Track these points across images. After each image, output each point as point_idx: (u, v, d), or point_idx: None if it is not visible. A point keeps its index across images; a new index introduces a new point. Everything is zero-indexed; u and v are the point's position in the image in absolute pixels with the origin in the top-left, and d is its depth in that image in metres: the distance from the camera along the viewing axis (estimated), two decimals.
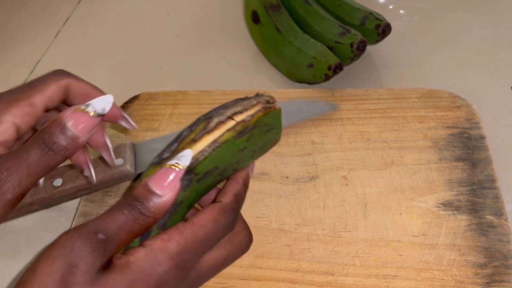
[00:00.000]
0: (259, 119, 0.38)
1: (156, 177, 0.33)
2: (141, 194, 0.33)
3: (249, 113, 0.38)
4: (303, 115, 0.59)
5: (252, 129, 0.38)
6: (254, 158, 0.41)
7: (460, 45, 0.69)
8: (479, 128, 0.56)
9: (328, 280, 0.47)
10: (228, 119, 0.38)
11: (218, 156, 0.37)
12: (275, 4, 0.68)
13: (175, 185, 0.33)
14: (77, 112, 0.33)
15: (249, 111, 0.38)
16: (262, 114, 0.38)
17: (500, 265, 0.46)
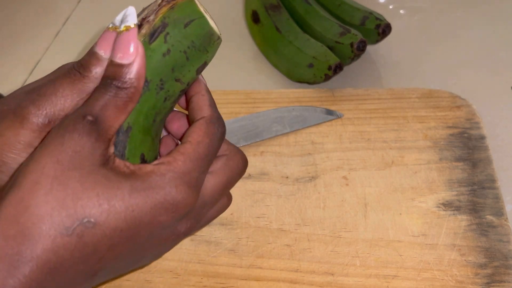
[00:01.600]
0: (166, 15, 0.35)
1: (116, 47, 0.32)
2: (109, 71, 0.32)
3: (158, 15, 0.35)
4: (306, 123, 0.59)
5: (163, 27, 0.35)
6: (192, 60, 0.37)
7: (460, 45, 0.69)
8: (479, 128, 0.56)
9: (328, 280, 0.47)
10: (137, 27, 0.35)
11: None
12: (275, 4, 0.68)
13: (136, 46, 0.32)
14: (103, 34, 0.33)
15: (158, 13, 0.35)
16: (167, 9, 0.35)
17: (501, 265, 0.46)
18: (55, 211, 0.28)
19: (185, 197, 0.31)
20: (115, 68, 0.32)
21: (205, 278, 0.48)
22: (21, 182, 0.28)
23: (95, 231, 0.29)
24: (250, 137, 0.58)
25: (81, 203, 0.28)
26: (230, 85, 0.67)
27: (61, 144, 0.29)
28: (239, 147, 0.58)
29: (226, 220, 0.52)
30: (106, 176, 0.29)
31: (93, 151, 0.29)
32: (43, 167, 0.29)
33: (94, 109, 0.31)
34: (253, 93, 0.63)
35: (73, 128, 0.30)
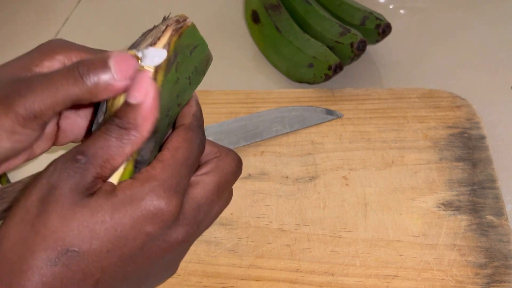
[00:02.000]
0: (177, 44, 0.35)
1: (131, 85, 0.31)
2: (117, 111, 0.31)
3: (163, 42, 0.34)
4: (306, 123, 0.59)
5: (175, 57, 0.34)
6: (193, 84, 0.37)
7: (460, 45, 0.69)
8: (479, 128, 0.56)
9: (328, 280, 0.47)
10: None
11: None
12: (275, 4, 0.68)
13: (149, 86, 0.31)
14: (124, 53, 0.32)
15: (162, 39, 0.34)
16: (176, 38, 0.35)
17: (501, 265, 0.46)
18: (37, 246, 0.29)
19: (167, 204, 0.30)
20: (123, 107, 0.31)
21: (205, 278, 0.48)
22: (9, 222, 0.30)
23: (80, 259, 0.29)
24: (250, 137, 0.58)
25: (62, 235, 0.29)
26: (230, 85, 0.67)
27: (47, 181, 0.30)
28: (239, 147, 0.58)
29: (226, 220, 0.52)
30: (86, 205, 0.29)
31: (76, 189, 0.30)
32: (29, 205, 0.30)
33: (89, 150, 0.30)
34: (253, 93, 0.63)
35: (62, 166, 0.30)
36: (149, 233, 0.30)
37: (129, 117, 0.30)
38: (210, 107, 0.62)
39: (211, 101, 0.63)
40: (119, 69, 0.31)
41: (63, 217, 0.29)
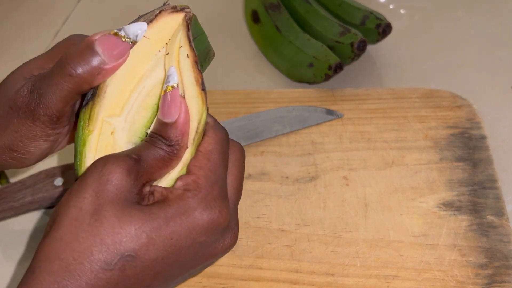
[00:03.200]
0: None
1: (160, 108, 0.33)
2: (156, 129, 0.33)
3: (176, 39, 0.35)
4: (306, 123, 0.59)
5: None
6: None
7: (460, 44, 0.69)
8: (480, 128, 0.56)
9: (328, 280, 0.47)
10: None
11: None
12: (275, 4, 0.68)
13: (177, 105, 0.32)
14: (108, 36, 0.33)
15: (156, 22, 0.35)
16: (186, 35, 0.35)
17: (501, 266, 0.46)
18: (95, 248, 0.29)
19: (220, 213, 0.32)
20: (161, 126, 0.33)
21: (205, 278, 0.48)
22: (61, 220, 0.29)
23: (136, 264, 0.29)
24: (250, 137, 0.58)
25: (119, 238, 0.29)
26: (230, 85, 0.67)
27: (100, 176, 0.30)
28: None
29: None
30: (141, 209, 0.30)
31: (130, 189, 0.30)
32: (82, 202, 0.29)
33: (141, 152, 0.32)
34: (253, 93, 0.63)
35: (115, 162, 0.30)
36: (203, 241, 0.31)
37: (171, 135, 0.32)
38: (210, 107, 0.62)
39: (211, 101, 0.62)
40: (107, 52, 0.33)
41: (120, 219, 0.29)
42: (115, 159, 0.30)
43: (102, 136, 0.34)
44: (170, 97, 0.32)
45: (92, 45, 0.33)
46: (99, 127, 0.34)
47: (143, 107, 0.35)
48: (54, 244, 0.29)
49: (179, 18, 0.35)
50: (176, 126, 0.32)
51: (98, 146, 0.34)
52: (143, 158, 0.31)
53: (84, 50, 0.33)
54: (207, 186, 0.32)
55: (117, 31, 0.33)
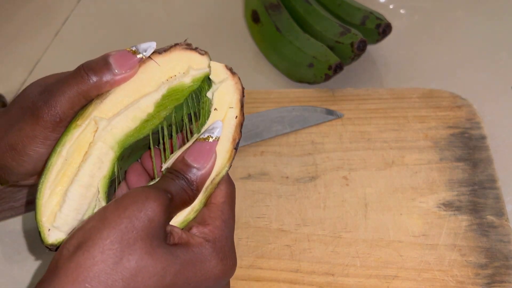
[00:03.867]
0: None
1: (191, 151, 0.35)
2: (181, 169, 0.35)
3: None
4: (306, 123, 0.59)
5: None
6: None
7: (460, 44, 0.69)
8: (480, 128, 0.56)
9: (328, 280, 0.47)
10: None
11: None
12: (275, 4, 0.68)
13: (212, 156, 0.35)
14: (121, 50, 0.37)
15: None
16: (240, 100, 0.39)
17: (501, 266, 0.46)
18: (121, 279, 0.30)
19: (232, 264, 0.35)
20: (186, 167, 0.35)
21: None
22: (92, 246, 0.30)
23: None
24: (250, 137, 0.58)
25: (146, 274, 0.31)
26: None
27: (140, 211, 0.31)
28: (239, 147, 0.58)
29: None
30: (169, 250, 0.32)
31: (162, 226, 0.32)
32: (116, 233, 0.31)
33: (171, 190, 0.33)
34: (253, 93, 0.63)
35: (156, 199, 0.32)
36: (211, 287, 0.34)
37: (193, 179, 0.35)
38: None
39: None
40: (118, 63, 0.36)
41: (150, 255, 0.31)
42: (156, 196, 0.32)
43: (85, 132, 0.36)
44: (208, 147, 0.35)
45: (107, 57, 0.36)
46: (85, 124, 0.36)
47: (131, 118, 0.37)
48: (80, 271, 0.30)
49: (192, 56, 0.39)
50: (201, 173, 0.35)
51: (78, 139, 0.36)
52: (173, 197, 0.33)
53: (99, 60, 0.36)
54: (222, 238, 0.34)
55: (130, 47, 0.37)
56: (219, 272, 0.34)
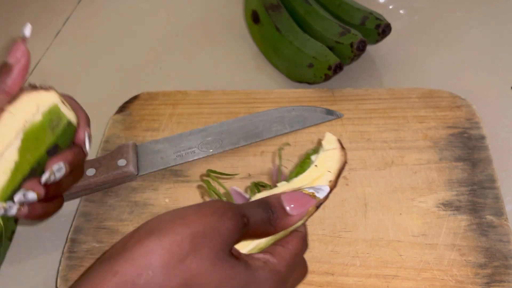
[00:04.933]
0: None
1: (291, 196, 0.36)
2: (274, 204, 0.35)
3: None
4: (306, 123, 0.59)
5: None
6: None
7: (460, 45, 0.69)
8: (479, 128, 0.56)
9: (328, 280, 0.47)
10: None
11: None
12: (275, 4, 0.68)
13: (304, 211, 0.36)
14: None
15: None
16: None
17: (500, 265, 0.46)
18: (178, 280, 0.30)
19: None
20: (279, 205, 0.35)
21: None
22: (164, 234, 0.31)
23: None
24: (250, 137, 0.58)
25: (204, 281, 0.31)
26: (230, 85, 0.67)
27: (215, 222, 0.32)
28: (239, 147, 0.58)
29: None
30: (232, 263, 0.32)
31: (230, 244, 0.33)
32: (193, 234, 0.31)
33: (250, 218, 0.34)
34: (253, 93, 0.63)
35: (233, 217, 0.33)
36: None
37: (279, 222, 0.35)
38: (210, 107, 0.62)
39: (211, 101, 0.63)
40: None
41: (213, 263, 0.31)
42: (232, 215, 0.33)
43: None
44: (307, 201, 0.36)
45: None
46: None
47: (2, 172, 0.38)
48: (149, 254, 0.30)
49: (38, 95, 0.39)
50: (288, 218, 0.35)
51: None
52: (250, 225, 0.33)
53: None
54: (280, 273, 0.35)
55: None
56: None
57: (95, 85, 0.72)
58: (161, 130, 0.61)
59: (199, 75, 0.70)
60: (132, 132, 0.61)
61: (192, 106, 0.63)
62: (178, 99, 0.64)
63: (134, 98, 0.65)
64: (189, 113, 0.62)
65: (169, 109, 0.63)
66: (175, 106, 0.63)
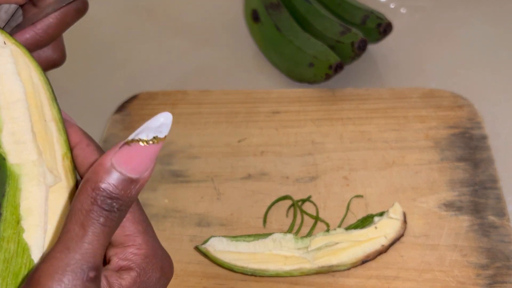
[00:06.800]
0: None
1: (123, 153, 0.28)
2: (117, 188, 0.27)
3: None
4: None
5: None
6: None
7: (461, 44, 0.68)
8: (481, 128, 0.56)
9: (329, 281, 0.46)
10: None
11: None
12: (275, 3, 0.68)
13: (153, 163, 0.28)
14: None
15: None
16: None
17: (502, 266, 0.46)
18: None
19: (170, 271, 0.31)
20: (124, 183, 0.27)
21: (205, 279, 0.48)
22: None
23: None
24: None
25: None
26: (230, 84, 0.67)
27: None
28: (238, 144, 0.57)
29: (226, 221, 0.52)
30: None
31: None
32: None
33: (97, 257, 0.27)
34: (253, 93, 0.63)
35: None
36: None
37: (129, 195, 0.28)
38: (210, 107, 0.62)
39: (211, 101, 0.63)
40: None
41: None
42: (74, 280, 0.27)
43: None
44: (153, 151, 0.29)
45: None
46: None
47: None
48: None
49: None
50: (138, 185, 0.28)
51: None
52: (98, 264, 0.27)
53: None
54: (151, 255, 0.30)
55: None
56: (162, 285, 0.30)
57: (94, 84, 0.71)
58: None
59: (199, 75, 0.70)
60: (131, 132, 0.61)
61: (191, 106, 0.63)
62: (177, 98, 0.64)
63: (134, 98, 0.65)
64: (188, 113, 0.62)
65: (168, 109, 0.62)
66: (175, 105, 0.63)
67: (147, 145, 0.29)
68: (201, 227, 0.52)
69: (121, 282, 0.29)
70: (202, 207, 0.53)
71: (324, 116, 0.59)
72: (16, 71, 0.32)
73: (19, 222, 0.30)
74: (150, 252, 0.30)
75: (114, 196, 0.27)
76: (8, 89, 0.31)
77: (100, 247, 0.27)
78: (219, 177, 0.55)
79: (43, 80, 0.33)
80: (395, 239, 0.47)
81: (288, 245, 0.47)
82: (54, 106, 0.33)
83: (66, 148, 0.32)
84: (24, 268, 0.29)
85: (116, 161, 0.28)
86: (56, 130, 0.32)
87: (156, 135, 0.29)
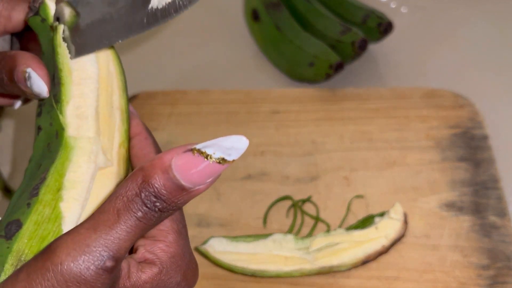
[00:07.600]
0: None
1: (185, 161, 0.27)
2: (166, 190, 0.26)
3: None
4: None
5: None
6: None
7: (462, 44, 0.68)
8: (482, 127, 0.56)
9: (329, 282, 0.46)
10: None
11: None
12: (276, 2, 0.68)
13: (211, 180, 0.28)
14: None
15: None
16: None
17: (503, 266, 0.45)
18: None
19: (193, 278, 0.30)
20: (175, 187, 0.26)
21: (204, 279, 0.48)
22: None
23: None
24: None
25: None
26: (230, 84, 0.67)
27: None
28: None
29: (226, 221, 0.51)
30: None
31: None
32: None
33: (120, 249, 0.26)
34: (253, 93, 0.63)
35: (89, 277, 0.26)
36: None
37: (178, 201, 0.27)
38: (209, 107, 0.62)
39: (211, 100, 0.63)
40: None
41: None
42: (89, 272, 0.26)
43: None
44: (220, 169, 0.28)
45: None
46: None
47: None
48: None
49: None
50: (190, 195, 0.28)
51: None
52: (119, 256, 0.26)
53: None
54: (179, 255, 0.30)
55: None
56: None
57: None
58: (160, 130, 0.60)
59: (199, 74, 0.70)
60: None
61: (191, 106, 0.63)
62: (177, 98, 0.64)
63: (133, 97, 0.65)
64: (188, 113, 0.62)
65: (168, 109, 0.63)
66: (174, 105, 0.63)
67: (210, 163, 0.27)
68: (201, 227, 0.51)
69: (140, 275, 0.28)
70: (202, 207, 0.53)
71: (324, 116, 0.59)
72: (95, 55, 0.33)
73: (60, 190, 0.30)
74: (178, 253, 0.29)
75: (160, 197, 0.26)
76: (83, 67, 0.32)
77: (128, 240, 0.26)
78: (219, 177, 0.55)
79: (118, 70, 0.34)
80: (396, 240, 0.47)
81: (289, 245, 0.47)
82: (123, 96, 0.34)
83: (125, 138, 0.33)
84: (51, 235, 0.29)
85: (175, 164, 0.26)
86: (120, 119, 0.34)
87: (223, 157, 0.28)
